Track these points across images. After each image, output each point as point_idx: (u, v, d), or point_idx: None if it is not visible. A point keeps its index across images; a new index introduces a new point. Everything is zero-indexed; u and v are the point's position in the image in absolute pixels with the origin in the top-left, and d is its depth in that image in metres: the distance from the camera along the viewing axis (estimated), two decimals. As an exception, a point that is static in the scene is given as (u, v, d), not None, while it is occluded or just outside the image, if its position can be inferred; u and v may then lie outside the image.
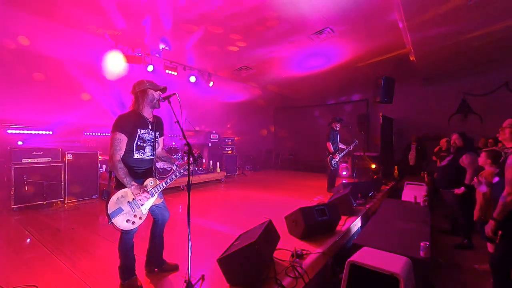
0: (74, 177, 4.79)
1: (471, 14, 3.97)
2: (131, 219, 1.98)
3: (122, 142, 1.97)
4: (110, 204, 1.92)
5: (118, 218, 1.93)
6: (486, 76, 7.02)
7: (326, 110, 10.15)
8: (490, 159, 2.96)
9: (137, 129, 2.04)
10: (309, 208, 3.05)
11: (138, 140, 2.06)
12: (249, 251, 1.94)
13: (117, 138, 1.95)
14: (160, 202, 2.22)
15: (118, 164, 1.94)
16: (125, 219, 1.95)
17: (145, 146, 2.11)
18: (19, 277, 2.24)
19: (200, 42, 5.06)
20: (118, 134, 1.96)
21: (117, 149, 1.95)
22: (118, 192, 1.97)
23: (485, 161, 3.03)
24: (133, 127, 2.02)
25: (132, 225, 1.99)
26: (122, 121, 2.01)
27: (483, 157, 3.06)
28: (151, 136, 2.15)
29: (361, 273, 2.09)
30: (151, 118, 2.18)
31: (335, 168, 5.72)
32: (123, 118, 2.03)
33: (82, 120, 6.40)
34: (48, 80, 5.67)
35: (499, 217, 2.06)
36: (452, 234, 4.09)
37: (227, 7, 3.89)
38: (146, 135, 2.11)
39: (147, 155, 2.14)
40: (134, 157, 2.06)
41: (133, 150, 2.05)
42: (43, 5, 3.70)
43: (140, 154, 2.09)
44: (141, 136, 2.07)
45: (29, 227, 3.49)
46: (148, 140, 2.13)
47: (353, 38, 5.04)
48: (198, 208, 4.47)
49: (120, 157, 1.97)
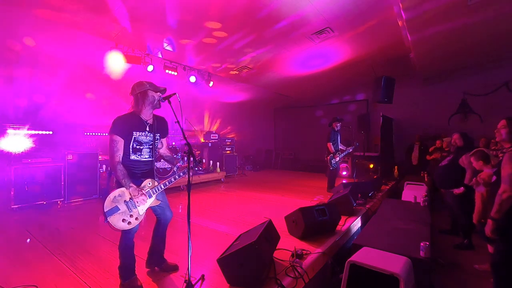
0: (74, 177, 4.79)
1: (471, 14, 3.98)
2: (127, 219, 1.98)
3: (119, 143, 1.99)
4: (106, 202, 1.92)
5: (114, 217, 1.93)
6: (486, 76, 7.02)
7: (326, 110, 10.15)
8: (481, 160, 2.98)
9: (133, 131, 2.04)
10: (309, 208, 3.05)
11: (134, 142, 2.05)
12: (249, 251, 1.94)
13: (113, 140, 1.98)
14: (159, 204, 2.20)
15: (117, 166, 1.97)
16: (121, 219, 1.95)
17: (141, 148, 2.10)
18: (19, 277, 2.24)
19: (200, 42, 5.06)
20: (114, 136, 1.98)
21: (115, 151, 1.97)
22: (115, 191, 1.98)
23: (477, 164, 3.04)
24: (129, 130, 2.03)
25: (128, 225, 1.98)
26: (118, 124, 2.02)
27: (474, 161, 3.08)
28: (150, 138, 2.14)
29: (361, 273, 2.10)
30: (150, 120, 2.16)
31: (335, 168, 5.71)
32: (119, 121, 2.03)
33: (82, 120, 6.40)
34: (48, 80, 5.66)
35: (496, 216, 2.04)
36: (452, 234, 4.09)
37: (227, 7, 3.89)
38: (143, 137, 2.09)
39: (145, 157, 2.13)
40: (130, 158, 2.07)
41: (130, 152, 2.05)
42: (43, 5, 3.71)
43: (136, 156, 2.09)
44: (137, 139, 2.06)
45: (29, 227, 3.49)
46: (146, 143, 2.12)
47: (352, 38, 5.04)
48: (198, 208, 4.48)
49: (119, 158, 1.99)
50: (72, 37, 4.70)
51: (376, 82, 6.48)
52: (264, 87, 8.46)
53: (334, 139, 5.73)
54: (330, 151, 5.63)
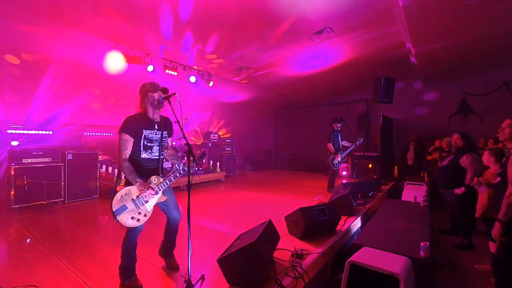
0: (74, 177, 4.79)
1: (471, 14, 3.98)
2: (136, 216, 2.03)
3: (127, 142, 2.05)
4: (114, 202, 1.96)
5: (123, 215, 1.98)
6: (486, 76, 7.02)
7: (326, 110, 10.14)
8: (493, 157, 2.95)
9: (142, 129, 2.11)
10: (309, 208, 3.05)
11: (144, 140, 2.12)
12: (249, 251, 1.94)
13: (122, 139, 2.04)
14: (166, 201, 2.26)
15: (124, 163, 2.02)
16: (129, 216, 2.00)
17: (152, 146, 2.17)
18: (20, 277, 2.24)
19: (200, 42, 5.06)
20: (123, 135, 2.04)
21: (123, 149, 2.04)
22: (122, 190, 2.02)
23: (488, 159, 3.02)
24: (138, 128, 2.09)
25: (137, 222, 2.03)
26: (127, 123, 2.08)
27: (487, 155, 3.05)
28: (158, 136, 2.21)
29: (361, 273, 2.10)
30: (157, 119, 2.23)
31: (337, 168, 5.72)
32: (129, 120, 2.10)
33: (82, 120, 6.40)
34: (48, 80, 5.66)
35: (504, 219, 2.00)
36: (452, 234, 4.09)
37: (226, 6, 3.88)
38: (152, 135, 2.17)
39: (155, 154, 2.20)
40: (142, 156, 2.13)
41: (141, 150, 2.12)
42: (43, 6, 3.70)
43: (147, 154, 2.16)
44: (147, 136, 2.13)
45: (29, 227, 3.49)
46: (156, 140, 2.19)
47: (352, 38, 5.04)
48: (198, 208, 4.47)
49: (126, 156, 2.05)
50: (72, 37, 4.69)
51: (376, 82, 6.48)
52: (264, 87, 8.45)
53: (334, 139, 5.73)
54: (330, 151, 5.63)
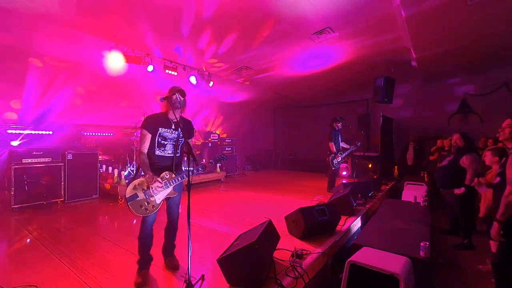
0: (74, 177, 4.79)
1: (471, 14, 3.98)
2: (144, 206, 2.15)
3: (145, 137, 2.25)
4: (128, 190, 2.13)
5: (134, 202, 2.12)
6: (486, 76, 7.02)
7: (326, 110, 10.14)
8: (497, 156, 2.94)
9: (159, 127, 2.27)
10: (309, 208, 3.05)
11: (159, 137, 2.28)
12: (249, 251, 1.94)
13: (142, 134, 2.26)
14: (175, 196, 2.38)
15: (141, 155, 2.24)
16: (139, 205, 2.13)
17: (166, 144, 2.31)
18: (19, 277, 2.24)
19: (199, 42, 5.06)
20: (143, 130, 2.26)
21: (142, 143, 2.25)
22: (136, 180, 2.19)
23: (492, 159, 3.01)
24: (155, 125, 2.27)
25: (146, 211, 2.15)
26: (147, 119, 2.30)
27: (489, 155, 3.04)
28: (174, 135, 2.34)
29: (361, 273, 2.09)
30: (176, 119, 2.30)
31: (336, 168, 5.71)
32: (149, 117, 2.31)
33: (82, 120, 6.40)
34: (48, 80, 5.66)
35: (502, 218, 2.00)
36: (452, 234, 4.09)
37: (225, 5, 3.88)
38: (167, 133, 2.31)
39: (168, 152, 2.34)
40: (156, 153, 2.29)
41: (155, 147, 2.28)
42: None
43: (160, 151, 2.30)
44: (162, 134, 2.28)
45: (29, 227, 3.49)
46: (170, 139, 2.33)
47: (352, 38, 5.04)
48: (198, 208, 4.48)
49: (144, 150, 2.25)
50: (72, 37, 4.69)
51: (376, 82, 6.48)
52: (264, 87, 8.45)
53: (335, 138, 5.73)
54: (332, 151, 5.63)
